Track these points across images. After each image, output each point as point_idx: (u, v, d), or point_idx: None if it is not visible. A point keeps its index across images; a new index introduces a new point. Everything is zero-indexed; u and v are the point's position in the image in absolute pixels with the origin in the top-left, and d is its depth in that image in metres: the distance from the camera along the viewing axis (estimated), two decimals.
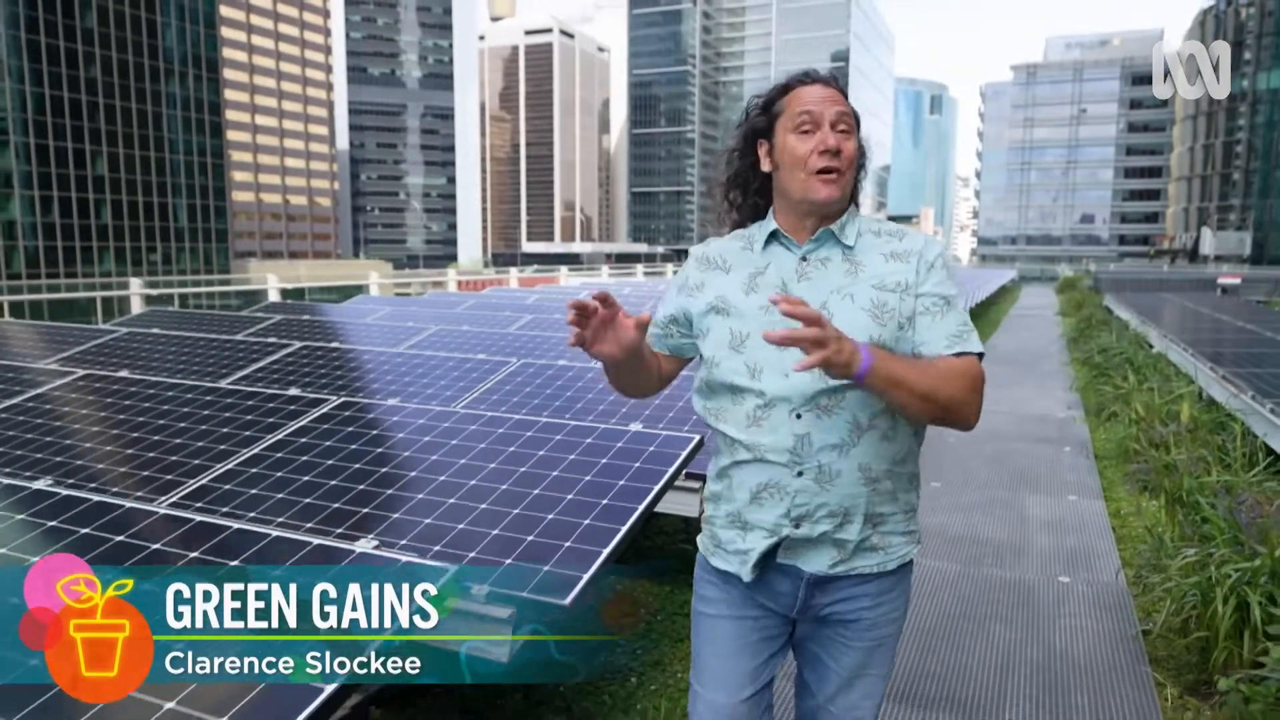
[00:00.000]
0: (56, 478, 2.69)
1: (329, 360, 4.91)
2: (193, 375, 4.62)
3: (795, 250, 1.49)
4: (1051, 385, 9.35)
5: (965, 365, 1.39)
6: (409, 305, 9.09)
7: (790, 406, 1.41)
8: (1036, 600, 3.56)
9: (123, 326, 6.43)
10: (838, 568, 1.45)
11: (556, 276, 18.72)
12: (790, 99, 1.49)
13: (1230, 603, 2.64)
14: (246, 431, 3.20)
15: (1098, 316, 15.51)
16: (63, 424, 3.29)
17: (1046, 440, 6.61)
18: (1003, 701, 2.76)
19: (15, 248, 53.64)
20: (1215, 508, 3.56)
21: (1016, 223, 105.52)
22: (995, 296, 22.94)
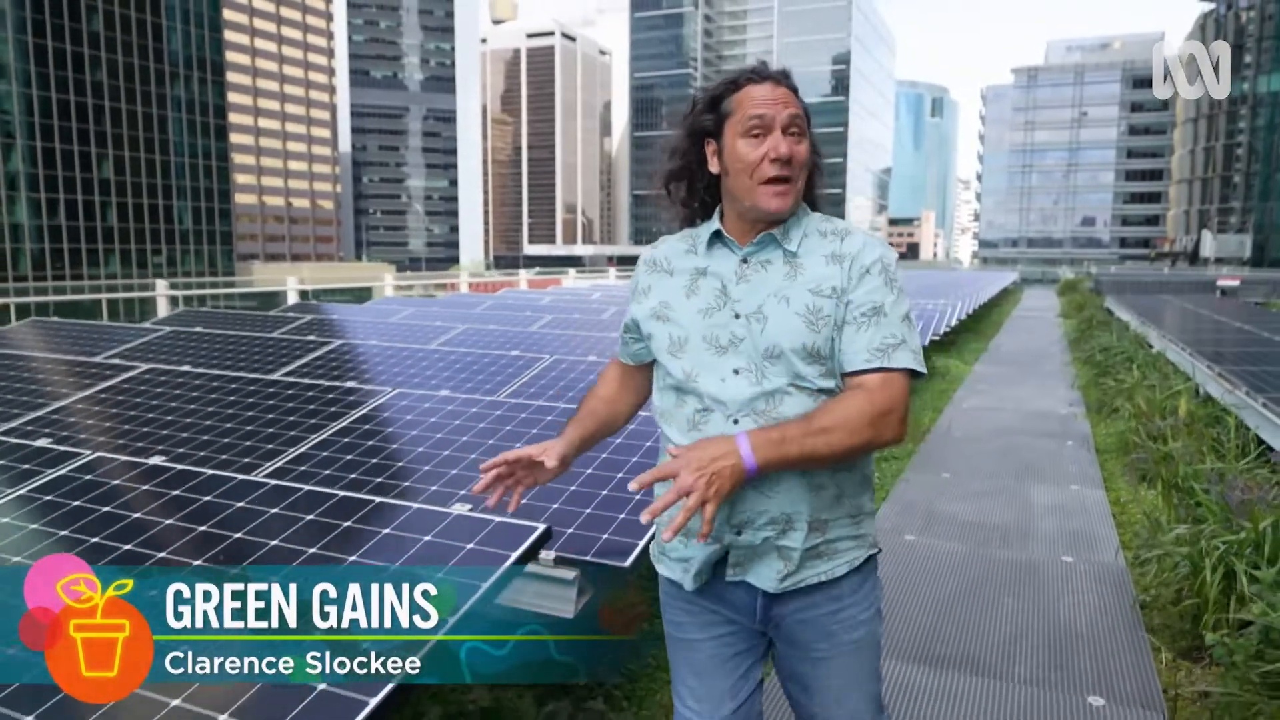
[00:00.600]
0: (167, 451, 2.96)
1: (370, 356, 5.19)
2: (242, 369, 4.89)
3: (736, 252, 1.46)
4: (1053, 384, 9.62)
5: (866, 404, 1.33)
6: (430, 306, 9.37)
7: (727, 412, 1.39)
8: (1042, 577, 3.83)
9: (165, 325, 6.71)
10: (785, 582, 1.43)
11: (561, 279, 18.99)
12: (740, 98, 1.43)
13: (1218, 572, 2.92)
14: (311, 420, 3.47)
15: (1098, 318, 15.78)
16: (150, 410, 3.57)
17: (1049, 435, 6.88)
18: (1012, 663, 3.02)
19: (22, 250, 53.95)
20: (1209, 493, 3.82)
21: (1018, 225, 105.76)
22: (997, 299, 23.20)
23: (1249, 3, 68.93)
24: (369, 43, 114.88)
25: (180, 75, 62.07)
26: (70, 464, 2.54)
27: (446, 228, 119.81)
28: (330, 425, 3.34)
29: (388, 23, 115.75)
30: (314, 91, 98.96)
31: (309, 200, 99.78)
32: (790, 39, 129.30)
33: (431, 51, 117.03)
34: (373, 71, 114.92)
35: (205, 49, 64.29)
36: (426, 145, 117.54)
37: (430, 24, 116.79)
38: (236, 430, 3.37)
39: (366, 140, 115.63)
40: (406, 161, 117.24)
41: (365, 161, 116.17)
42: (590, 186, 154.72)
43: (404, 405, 3.50)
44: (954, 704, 2.75)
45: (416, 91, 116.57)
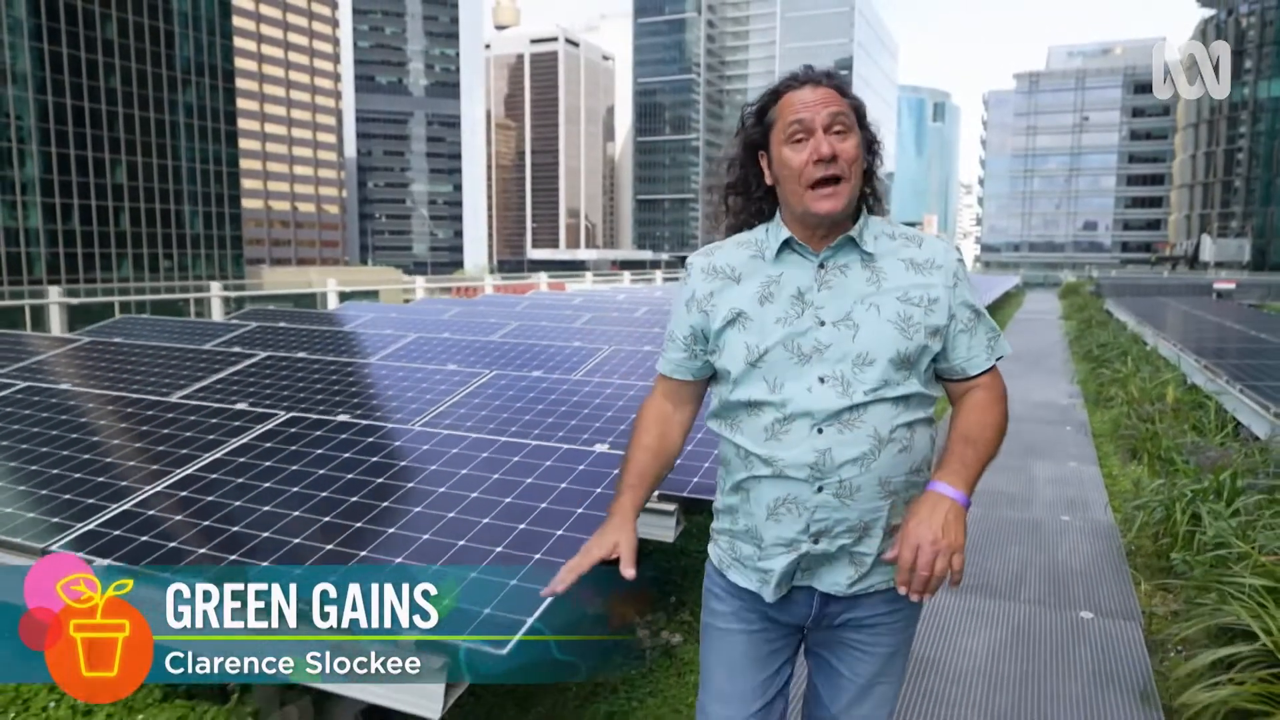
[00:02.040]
0: (352, 413, 3.64)
1: (447, 345, 5.86)
2: (344, 355, 5.56)
3: (812, 258, 1.44)
4: (1055, 378, 10.27)
5: (995, 400, 1.47)
6: (477, 305, 10.06)
7: (812, 421, 1.38)
8: (1043, 531, 4.49)
9: (251, 320, 7.39)
10: (855, 587, 1.44)
11: (567, 283, 19.66)
12: (781, 106, 1.44)
13: (1186, 513, 3.57)
14: (443, 385, 4.15)
15: (1097, 318, 16.45)
16: (302, 382, 4.24)
17: (1050, 422, 7.54)
18: (1019, 589, 3.69)
19: (37, 254, 54.64)
20: (1187, 461, 4.49)
21: (1020, 229, 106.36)
22: (1000, 301, 23.86)
23: (1249, 8, 69.46)
24: (374, 48, 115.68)
25: (191, 82, 62.80)
26: (273, 421, 3.21)
27: (450, 232, 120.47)
28: (467, 385, 4.03)
29: (393, 29, 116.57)
30: (320, 97, 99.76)
31: (314, 205, 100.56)
32: (793, 44, 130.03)
33: (436, 57, 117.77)
34: (378, 77, 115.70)
35: (216, 56, 65.03)
36: (431, 150, 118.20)
37: (435, 30, 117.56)
38: (363, 393, 4.05)
39: (372, 145, 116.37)
40: (411, 166, 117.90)
41: (370, 166, 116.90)
42: (593, 191, 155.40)
43: (528, 383, 4.19)
44: (975, 617, 3.41)
45: (421, 97, 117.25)
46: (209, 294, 10.75)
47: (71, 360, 5.22)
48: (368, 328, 7.07)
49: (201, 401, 3.79)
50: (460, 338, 6.22)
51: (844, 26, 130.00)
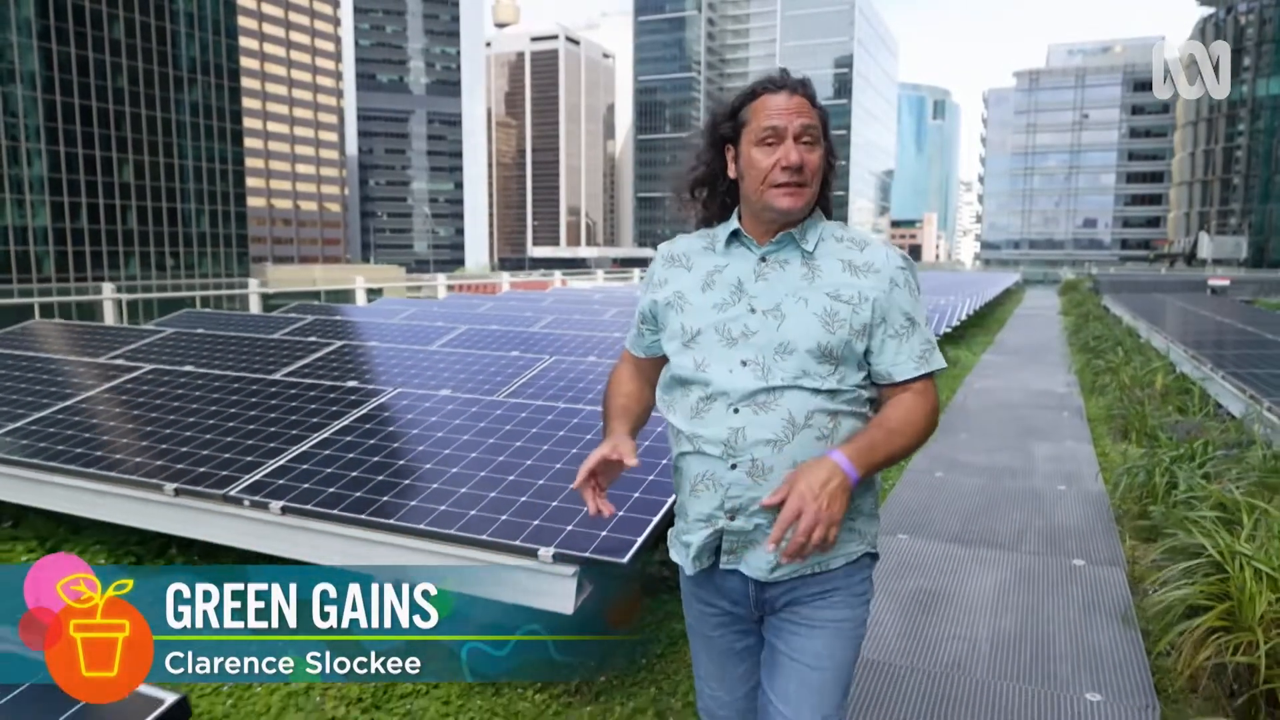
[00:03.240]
0: (450, 389, 4.20)
1: (497, 335, 6.41)
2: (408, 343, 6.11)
3: (755, 250, 1.52)
4: (1053, 370, 10.83)
5: (921, 402, 1.48)
6: (507, 300, 10.63)
7: (729, 401, 1.44)
8: (1041, 498, 5.05)
9: (305, 314, 7.93)
10: (776, 572, 1.48)
11: (576, 279, 20.21)
12: (756, 108, 1.49)
13: (1165, 476, 4.13)
14: (510, 369, 4.70)
15: (1095, 313, 17.01)
16: (384, 365, 4.80)
17: (1049, 408, 8.09)
18: (1019, 543, 4.24)
19: (45, 252, 55.09)
20: (1170, 436, 5.04)
21: (1020, 227, 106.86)
22: (1000, 298, 24.43)
23: (1248, 6, 69.85)
24: (375, 47, 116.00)
25: (198, 81, 63.20)
26: (384, 395, 3.76)
27: (452, 230, 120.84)
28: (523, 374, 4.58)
29: (394, 27, 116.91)
30: (321, 95, 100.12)
31: (316, 203, 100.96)
32: (793, 42, 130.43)
33: (437, 55, 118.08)
34: (379, 75, 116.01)
35: (221, 55, 65.41)
36: (432, 148, 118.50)
37: (435, 28, 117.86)
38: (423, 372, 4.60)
39: (373, 143, 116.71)
40: (412, 164, 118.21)
41: (372, 165, 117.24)
42: (594, 189, 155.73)
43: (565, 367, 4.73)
44: (983, 564, 3.97)
45: (422, 95, 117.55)
46: (248, 290, 11.30)
47: (164, 347, 5.77)
48: (416, 320, 7.62)
49: (304, 379, 4.33)
50: (506, 329, 6.78)
51: (844, 24, 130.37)
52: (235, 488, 3.06)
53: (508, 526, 2.66)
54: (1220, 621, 2.55)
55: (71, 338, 6.18)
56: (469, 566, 2.61)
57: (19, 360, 4.83)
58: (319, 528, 2.86)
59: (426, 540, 2.68)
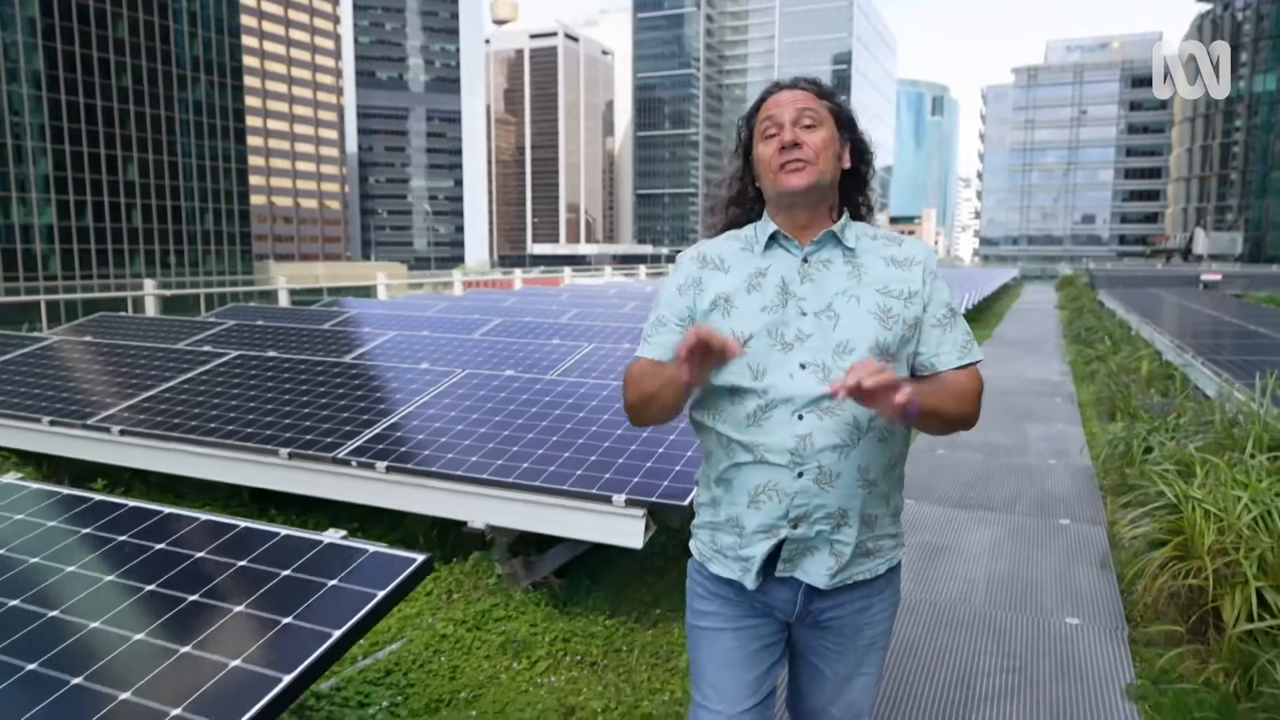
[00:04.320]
0: (512, 368, 4.71)
1: (531, 326, 6.93)
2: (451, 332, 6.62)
3: (797, 252, 1.49)
4: (1048, 360, 11.37)
5: (972, 381, 1.49)
6: (527, 295, 11.14)
7: (793, 407, 1.41)
8: (1034, 471, 5.58)
9: (347, 308, 8.45)
10: (836, 578, 1.46)
11: (563, 275, 20.72)
12: (762, 110, 1.53)
13: (1142, 446, 4.65)
14: (554, 354, 5.21)
15: (1089, 307, 17.55)
16: (446, 349, 5.33)
17: (1043, 394, 8.63)
18: (1013, 506, 4.78)
19: (51, 251, 55.47)
20: (1150, 414, 5.56)
21: (1018, 223, 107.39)
22: (999, 293, 24.97)
23: (1245, 3, 70.29)
24: (374, 44, 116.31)
25: (201, 80, 63.53)
26: (456, 375, 4.29)
27: (452, 227, 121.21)
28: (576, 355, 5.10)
29: (393, 24, 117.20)
30: (321, 93, 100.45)
31: (316, 201, 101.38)
32: (791, 39, 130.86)
33: (436, 53, 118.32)
34: (378, 73, 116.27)
35: (224, 54, 65.74)
36: (431, 146, 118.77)
37: (434, 25, 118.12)
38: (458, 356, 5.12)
39: (373, 141, 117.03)
40: (411, 162, 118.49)
41: (371, 162, 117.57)
42: (593, 186, 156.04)
43: (601, 355, 5.25)
44: (980, 523, 4.51)
45: (421, 92, 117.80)
46: (277, 287, 11.81)
47: (233, 336, 6.29)
48: (450, 313, 8.13)
49: (373, 362, 4.85)
50: (539, 320, 7.30)
51: (843, 21, 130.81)
52: (342, 451, 3.59)
53: (583, 479, 3.18)
54: (1175, 553, 3.08)
55: (142, 328, 6.70)
56: (555, 511, 3.14)
57: (104, 347, 5.35)
58: (420, 483, 3.39)
59: (516, 491, 3.20)
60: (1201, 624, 3.00)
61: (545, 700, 2.71)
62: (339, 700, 2.58)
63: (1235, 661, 2.69)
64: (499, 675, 2.86)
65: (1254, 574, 2.78)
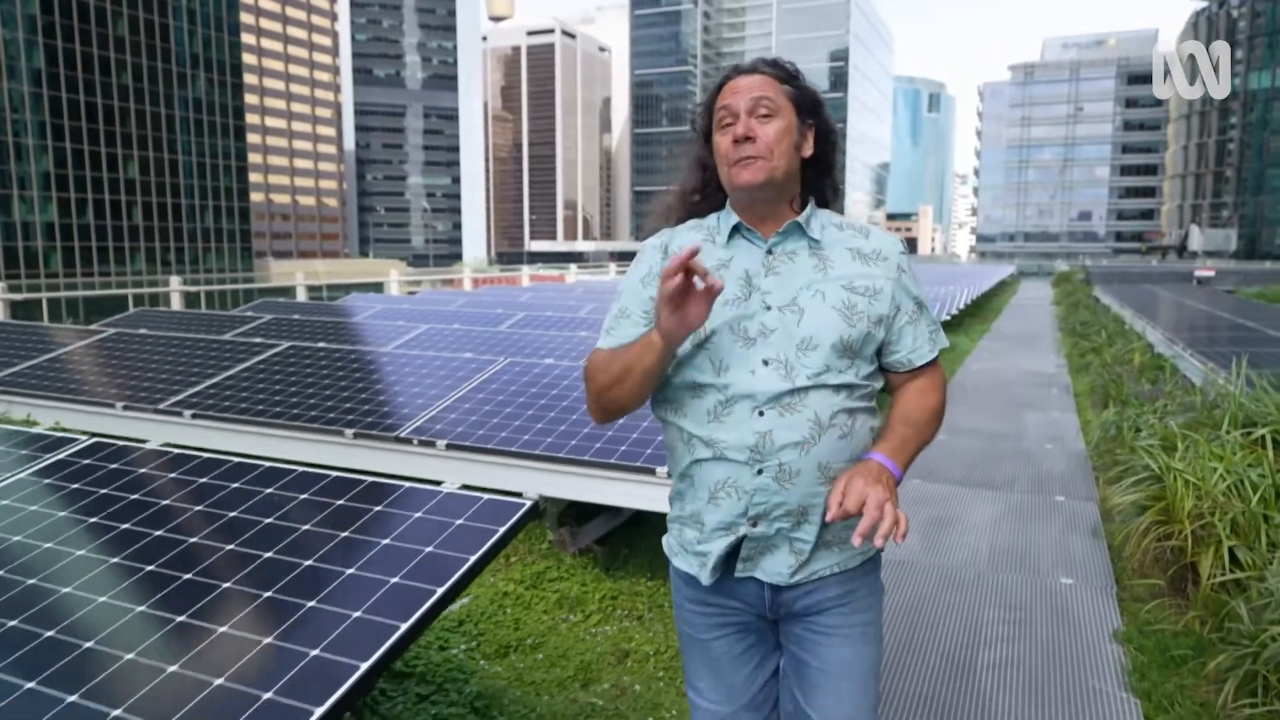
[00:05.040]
0: (553, 358, 5.07)
1: (553, 320, 7.28)
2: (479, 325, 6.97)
3: (760, 244, 1.46)
4: (1044, 353, 11.75)
5: (934, 381, 1.53)
6: (542, 290, 11.49)
7: (754, 404, 1.38)
8: (1031, 454, 5.95)
9: (373, 303, 8.80)
10: (797, 575, 1.44)
11: (568, 272, 21.05)
12: (720, 96, 1.47)
13: (1132, 427, 5.02)
14: (583, 346, 5.56)
15: (1084, 302, 17.93)
16: (479, 340, 5.67)
17: (1039, 385, 9.00)
18: (1012, 485, 5.15)
19: (53, 248, 55.66)
20: (1140, 400, 5.93)
21: (1015, 220, 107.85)
22: (996, 290, 25.34)
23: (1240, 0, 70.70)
24: (371, 41, 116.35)
25: (201, 78, 63.67)
26: (499, 364, 4.64)
27: (450, 225, 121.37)
28: None
29: (390, 21, 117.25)
30: (319, 90, 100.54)
31: (314, 198, 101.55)
32: (789, 36, 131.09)
33: (433, 50, 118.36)
34: (375, 70, 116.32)
35: (224, 51, 65.88)
36: (428, 143, 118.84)
37: (431, 23, 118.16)
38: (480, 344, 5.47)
39: (370, 138, 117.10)
40: (409, 159, 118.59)
41: (369, 159, 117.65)
42: (590, 183, 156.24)
43: None
44: (982, 500, 4.88)
45: (418, 90, 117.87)
46: (296, 283, 12.17)
47: (272, 329, 6.64)
48: (471, 308, 8.47)
49: (415, 351, 5.19)
50: (561, 315, 7.65)
51: (840, 18, 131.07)
52: (403, 430, 3.94)
53: (628, 454, 3.53)
54: (1158, 518, 3.44)
55: (184, 322, 7.04)
56: (602, 482, 3.50)
57: (159, 339, 5.69)
58: (477, 459, 3.74)
59: (567, 465, 3.56)
60: (1181, 580, 3.37)
61: (601, 645, 3.07)
62: (423, 644, 2.94)
63: (1210, 610, 3.05)
64: (558, 626, 3.22)
65: (1227, 535, 3.14)
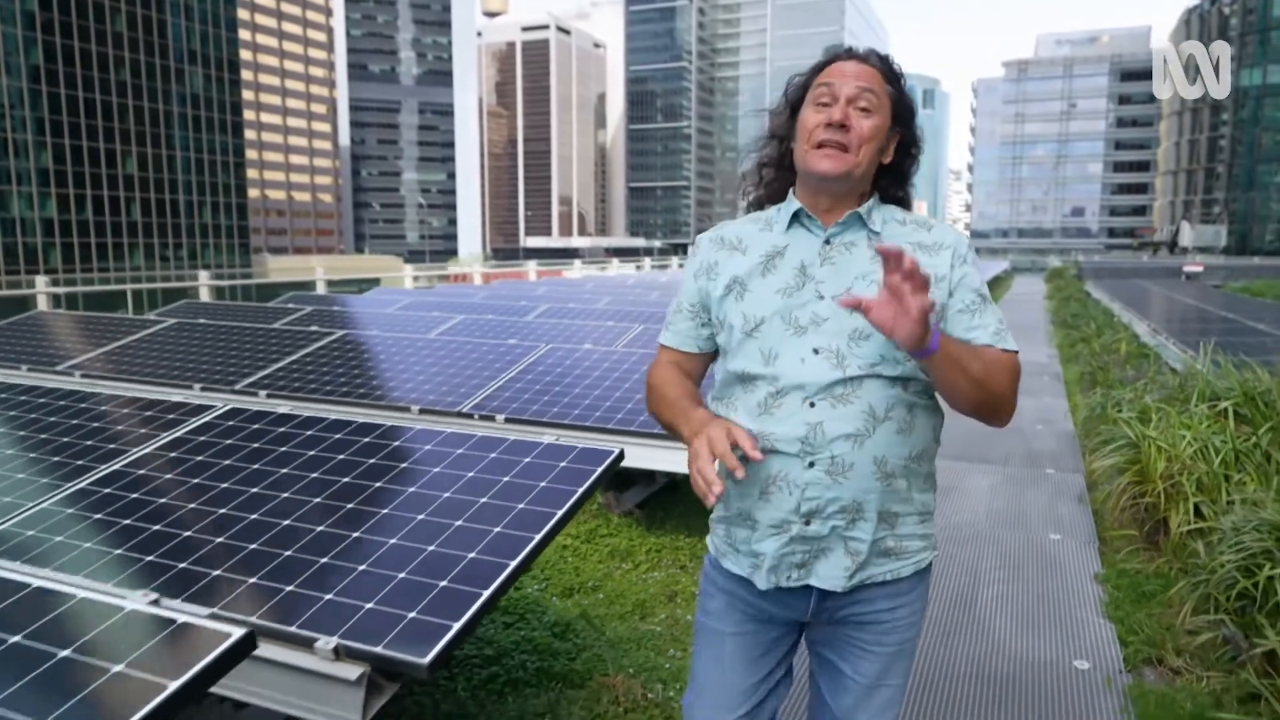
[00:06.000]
0: (591, 344, 5.55)
1: (574, 311, 7.75)
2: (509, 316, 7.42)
3: (819, 233, 1.43)
4: (1037, 345, 12.26)
5: (1009, 359, 1.38)
6: (557, 285, 11.97)
7: (804, 394, 1.34)
8: (1024, 433, 6.46)
9: (399, 296, 9.25)
10: (853, 579, 1.39)
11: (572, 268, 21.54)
12: (823, 73, 1.43)
13: (1116, 408, 5.51)
14: (609, 335, 6.03)
15: (1076, 297, 18.48)
16: (513, 330, 6.15)
17: (1032, 374, 9.49)
18: (1007, 461, 5.66)
19: (52, 244, 55.87)
20: (1123, 384, 6.43)
21: (1008, 216, 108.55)
22: (990, 285, 25.93)
23: None
24: (366, 37, 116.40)
25: (199, 74, 63.83)
26: (541, 350, 5.11)
27: (445, 220, 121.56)
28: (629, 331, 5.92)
29: (385, 17, 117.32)
30: (314, 86, 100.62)
31: (310, 194, 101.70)
32: (783, 32, 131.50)
33: (428, 46, 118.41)
34: (370, 66, 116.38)
35: (221, 48, 66.04)
36: (423, 139, 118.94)
37: (426, 18, 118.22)
38: None
39: (365, 134, 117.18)
40: (404, 155, 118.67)
41: (364, 155, 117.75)
42: (585, 179, 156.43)
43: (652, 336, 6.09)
44: (978, 472, 5.38)
45: (413, 85, 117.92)
46: (315, 278, 12.61)
47: (315, 319, 7.09)
48: (495, 300, 8.93)
49: (456, 338, 5.65)
50: (583, 306, 8.12)
51: (835, 14, 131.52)
52: (464, 406, 4.41)
53: None
54: (1134, 479, 3.94)
55: (230, 313, 7.49)
56: (650, 450, 3.97)
57: (218, 328, 6.14)
58: (534, 431, 4.21)
59: (617, 435, 4.03)
60: (1154, 532, 3.87)
61: (652, 587, 3.55)
62: None
63: (1177, 556, 3.54)
64: (612, 573, 3.70)
65: (1193, 492, 3.63)
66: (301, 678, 1.85)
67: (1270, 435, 3.79)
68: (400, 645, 1.81)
